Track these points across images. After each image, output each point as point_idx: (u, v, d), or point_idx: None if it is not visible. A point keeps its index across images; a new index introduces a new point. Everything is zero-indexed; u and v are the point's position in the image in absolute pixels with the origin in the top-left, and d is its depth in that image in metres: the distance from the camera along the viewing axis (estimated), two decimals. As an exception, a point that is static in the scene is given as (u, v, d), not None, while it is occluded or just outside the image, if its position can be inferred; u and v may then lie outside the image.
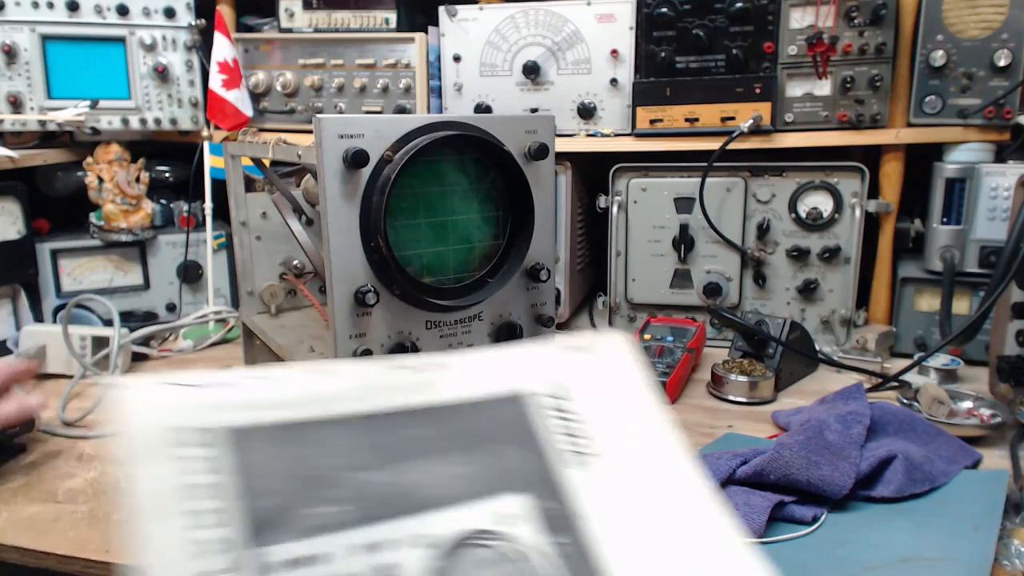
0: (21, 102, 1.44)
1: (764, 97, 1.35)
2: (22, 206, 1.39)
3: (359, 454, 0.43)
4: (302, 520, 0.38)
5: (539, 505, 0.44)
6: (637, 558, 0.43)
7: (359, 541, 0.39)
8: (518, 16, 1.49)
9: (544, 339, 0.83)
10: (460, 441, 0.46)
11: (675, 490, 0.47)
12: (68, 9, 1.44)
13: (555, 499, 0.45)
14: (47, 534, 0.80)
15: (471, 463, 0.45)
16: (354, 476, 0.42)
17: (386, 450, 0.44)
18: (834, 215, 1.35)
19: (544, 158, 0.88)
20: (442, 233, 0.85)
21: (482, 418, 0.48)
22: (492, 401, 0.49)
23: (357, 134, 0.77)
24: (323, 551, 0.38)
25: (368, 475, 0.42)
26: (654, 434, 0.51)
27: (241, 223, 1.19)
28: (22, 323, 1.40)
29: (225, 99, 1.46)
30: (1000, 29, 1.24)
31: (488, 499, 0.44)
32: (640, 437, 0.51)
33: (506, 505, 0.44)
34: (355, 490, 0.41)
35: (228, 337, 1.49)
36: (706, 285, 1.43)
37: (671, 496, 0.47)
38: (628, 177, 1.45)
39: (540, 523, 0.43)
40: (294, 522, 0.38)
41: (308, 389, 0.45)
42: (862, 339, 1.31)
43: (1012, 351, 1.07)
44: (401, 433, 0.45)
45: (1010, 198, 1.24)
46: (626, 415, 0.51)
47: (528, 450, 0.47)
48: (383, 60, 1.56)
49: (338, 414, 0.44)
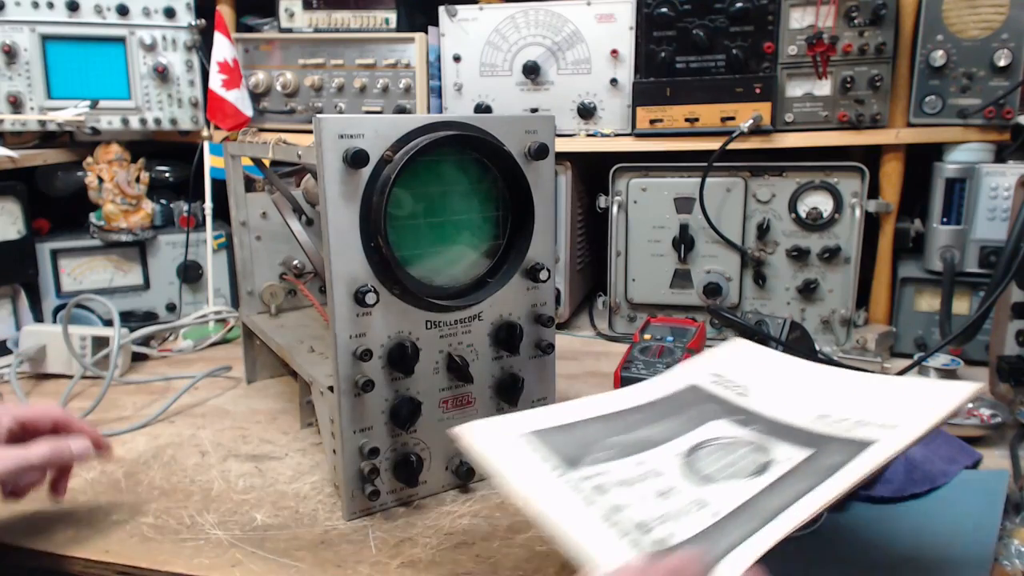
0: (21, 102, 1.44)
1: (764, 97, 1.35)
2: (22, 206, 1.39)
3: (610, 429, 0.74)
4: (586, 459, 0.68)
5: (729, 419, 0.75)
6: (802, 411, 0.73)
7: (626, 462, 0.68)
8: (518, 16, 1.49)
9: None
10: (669, 412, 0.78)
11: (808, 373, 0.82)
12: (68, 9, 1.44)
13: (738, 413, 0.76)
14: (47, 534, 0.80)
15: (680, 418, 0.76)
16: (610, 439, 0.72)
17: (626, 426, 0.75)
18: (834, 215, 1.35)
19: (544, 158, 0.88)
20: (442, 233, 0.85)
21: (678, 400, 0.80)
22: (680, 391, 0.82)
23: (357, 134, 0.77)
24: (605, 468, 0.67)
25: (618, 438, 0.73)
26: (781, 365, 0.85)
27: (241, 223, 1.19)
28: (22, 323, 1.40)
29: (225, 99, 1.46)
30: (1000, 29, 1.24)
31: (699, 428, 0.74)
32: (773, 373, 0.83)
33: (711, 426, 0.74)
34: (612, 444, 0.71)
35: (228, 337, 1.49)
36: (706, 285, 1.43)
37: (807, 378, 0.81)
38: (628, 177, 1.45)
39: (735, 427, 0.73)
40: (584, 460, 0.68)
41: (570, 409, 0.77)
42: (862, 339, 1.31)
43: (1012, 351, 1.07)
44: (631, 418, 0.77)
45: (1010, 198, 1.24)
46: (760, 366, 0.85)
47: (711, 402, 0.79)
48: (383, 60, 1.57)
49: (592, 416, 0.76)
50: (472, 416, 0.90)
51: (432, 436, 0.88)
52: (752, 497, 0.61)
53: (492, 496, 0.88)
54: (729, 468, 0.66)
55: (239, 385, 1.26)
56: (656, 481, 0.65)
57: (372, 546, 0.78)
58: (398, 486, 0.86)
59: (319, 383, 0.89)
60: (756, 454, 0.68)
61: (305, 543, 0.78)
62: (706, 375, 0.84)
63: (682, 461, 0.68)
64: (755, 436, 0.71)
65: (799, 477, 0.62)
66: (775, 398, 0.77)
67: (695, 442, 0.71)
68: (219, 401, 1.19)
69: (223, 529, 0.81)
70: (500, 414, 0.92)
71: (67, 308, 1.24)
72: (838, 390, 0.76)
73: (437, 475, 0.89)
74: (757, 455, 0.68)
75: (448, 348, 0.87)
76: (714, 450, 0.70)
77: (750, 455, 0.68)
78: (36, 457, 0.73)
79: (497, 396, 0.92)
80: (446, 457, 0.89)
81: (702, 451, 0.70)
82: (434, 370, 0.87)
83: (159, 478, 0.93)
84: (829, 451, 0.64)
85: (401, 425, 0.84)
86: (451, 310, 0.86)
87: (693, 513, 0.60)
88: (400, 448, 0.86)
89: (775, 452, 0.67)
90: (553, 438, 0.71)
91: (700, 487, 0.64)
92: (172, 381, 1.27)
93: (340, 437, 0.82)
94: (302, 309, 1.27)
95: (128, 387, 1.26)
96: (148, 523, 0.83)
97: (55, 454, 0.74)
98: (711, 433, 0.73)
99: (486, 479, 0.92)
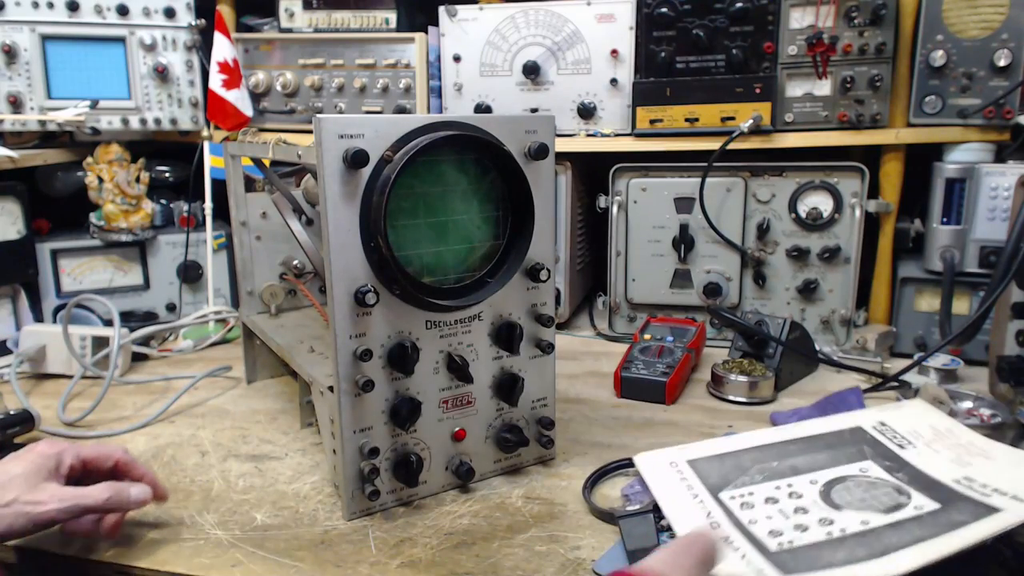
0: (21, 102, 1.44)
1: (764, 97, 1.35)
2: (22, 206, 1.39)
3: (764, 457, 0.83)
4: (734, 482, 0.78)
5: (880, 463, 0.80)
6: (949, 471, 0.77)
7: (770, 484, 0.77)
8: (518, 16, 1.49)
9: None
10: (825, 446, 0.84)
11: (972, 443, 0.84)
12: (68, 9, 1.44)
13: (890, 460, 0.81)
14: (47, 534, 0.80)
15: (833, 453, 0.83)
16: (759, 466, 0.81)
17: (778, 455, 0.83)
18: (834, 215, 1.35)
19: (544, 158, 0.88)
20: (442, 233, 0.85)
21: (838, 437, 0.86)
22: (842, 430, 0.88)
23: (357, 134, 0.77)
24: (749, 489, 0.76)
25: (766, 464, 0.81)
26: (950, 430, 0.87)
27: (241, 223, 1.19)
28: (22, 323, 1.40)
29: (225, 99, 1.46)
30: (1000, 29, 1.24)
31: (848, 464, 0.80)
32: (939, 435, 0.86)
33: (860, 465, 0.80)
34: (761, 470, 0.80)
35: (228, 337, 1.49)
36: (706, 285, 1.43)
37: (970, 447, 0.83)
38: (628, 177, 1.45)
39: (882, 471, 0.79)
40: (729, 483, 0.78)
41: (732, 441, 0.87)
42: (862, 339, 1.31)
43: (1012, 351, 1.07)
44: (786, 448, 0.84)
45: (1010, 198, 1.24)
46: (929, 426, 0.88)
47: (868, 445, 0.84)
48: (383, 60, 1.57)
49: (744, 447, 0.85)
50: (472, 416, 0.90)
51: (432, 436, 0.88)
52: (874, 528, 0.67)
53: (492, 496, 0.88)
54: (863, 501, 0.72)
55: (239, 385, 1.26)
56: (795, 501, 0.73)
57: (372, 546, 0.78)
58: (398, 486, 0.86)
59: (319, 383, 0.89)
60: (893, 494, 0.74)
61: (305, 543, 0.78)
62: (873, 421, 0.89)
63: (821, 488, 0.76)
64: (897, 482, 0.76)
65: (923, 524, 0.67)
66: (930, 456, 0.81)
67: (840, 475, 0.78)
68: (219, 401, 1.19)
69: (223, 529, 0.81)
70: (500, 414, 0.92)
71: (67, 308, 1.24)
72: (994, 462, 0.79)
73: (437, 475, 0.89)
74: (894, 495, 0.73)
75: (448, 348, 0.87)
76: (856, 484, 0.76)
77: (887, 495, 0.74)
78: (93, 500, 0.72)
79: (497, 396, 0.92)
80: (446, 457, 0.89)
81: (844, 484, 0.76)
82: (434, 370, 0.87)
83: (159, 478, 0.93)
84: (958, 508, 0.69)
85: (401, 425, 0.84)
86: (451, 310, 0.86)
87: (817, 527, 0.68)
88: (400, 448, 0.86)
89: (910, 498, 0.73)
90: (708, 465, 0.82)
91: (832, 511, 0.71)
92: (172, 381, 1.27)
93: (340, 437, 0.82)
94: (302, 309, 1.27)
95: (128, 387, 1.26)
96: (148, 523, 0.83)
97: (114, 499, 0.73)
98: (857, 471, 0.79)
99: (486, 479, 0.92)
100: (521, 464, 0.95)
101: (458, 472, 0.89)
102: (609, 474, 0.92)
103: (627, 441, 1.02)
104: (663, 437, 1.03)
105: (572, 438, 1.03)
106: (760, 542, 0.67)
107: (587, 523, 0.81)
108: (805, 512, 0.71)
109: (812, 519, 0.70)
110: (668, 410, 1.14)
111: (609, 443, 1.02)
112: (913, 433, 0.86)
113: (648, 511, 0.77)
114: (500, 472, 0.93)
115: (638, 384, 1.17)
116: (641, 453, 0.86)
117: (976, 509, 0.68)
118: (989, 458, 0.80)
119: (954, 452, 0.81)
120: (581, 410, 1.13)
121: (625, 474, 0.92)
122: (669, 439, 1.01)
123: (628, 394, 1.18)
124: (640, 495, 0.84)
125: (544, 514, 0.83)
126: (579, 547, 0.77)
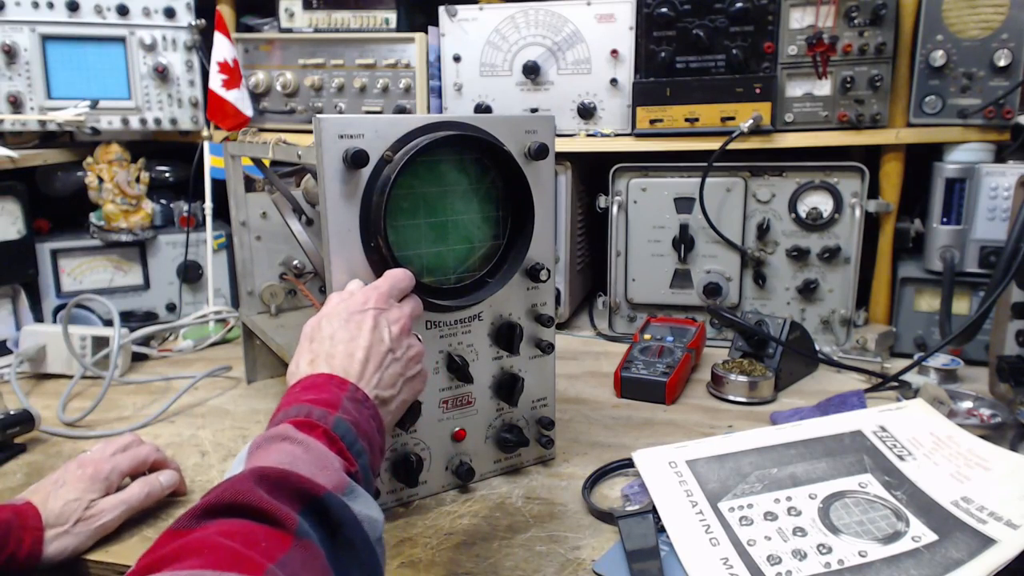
0: (21, 102, 1.44)
1: (764, 97, 1.35)
2: (22, 206, 1.39)
3: (761, 462, 0.83)
4: (733, 490, 0.79)
5: (880, 478, 0.80)
6: (948, 490, 0.77)
7: (770, 496, 0.78)
8: (518, 16, 1.49)
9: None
10: (825, 453, 0.84)
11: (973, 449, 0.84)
12: (68, 9, 1.44)
13: (889, 475, 0.81)
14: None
15: (833, 462, 0.83)
16: (758, 472, 0.81)
17: (779, 460, 0.83)
18: (834, 215, 1.35)
19: (544, 158, 0.88)
20: (442, 233, 0.85)
21: (838, 442, 0.86)
22: (842, 433, 0.88)
23: (357, 134, 0.77)
24: (749, 500, 0.77)
25: (766, 471, 0.81)
26: (950, 435, 0.87)
27: (241, 223, 1.19)
28: (22, 323, 1.40)
29: (225, 99, 1.45)
30: (1000, 29, 1.24)
31: (847, 477, 0.80)
32: (939, 443, 0.86)
33: (859, 479, 0.80)
34: (760, 477, 0.80)
35: (228, 337, 1.49)
36: (706, 285, 1.43)
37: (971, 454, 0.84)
38: (628, 177, 1.45)
39: (881, 487, 0.79)
40: (729, 491, 0.79)
41: (731, 440, 0.88)
42: (862, 339, 1.31)
43: (1012, 351, 1.07)
44: (787, 452, 0.85)
45: (1010, 198, 1.24)
46: (929, 433, 0.88)
47: (868, 454, 0.84)
48: (383, 60, 1.57)
49: (750, 447, 0.86)
50: (472, 416, 0.90)
51: (432, 436, 0.88)
52: (871, 562, 0.68)
53: (492, 496, 0.88)
54: (861, 526, 0.73)
55: (239, 385, 1.26)
56: (794, 519, 0.74)
57: (372, 546, 0.78)
58: (398, 486, 0.86)
59: (319, 383, 0.89)
60: (891, 520, 0.74)
61: (305, 543, 0.78)
62: (873, 424, 0.89)
63: (820, 505, 0.76)
64: (896, 503, 0.76)
65: (920, 562, 0.68)
66: (929, 469, 0.81)
67: (839, 489, 0.78)
68: (219, 401, 1.19)
69: (223, 529, 0.81)
70: (500, 414, 0.92)
71: (67, 308, 1.24)
72: (991, 474, 0.80)
73: (437, 475, 0.89)
74: (892, 521, 0.74)
75: (448, 348, 0.87)
76: (855, 504, 0.76)
77: (886, 519, 0.74)
78: (136, 500, 0.82)
79: (497, 396, 0.92)
80: (446, 457, 0.89)
81: (842, 501, 0.77)
82: (434, 370, 0.87)
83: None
84: (955, 541, 0.70)
85: (401, 425, 0.84)
86: (451, 310, 0.86)
87: (815, 556, 0.69)
88: (400, 448, 0.86)
89: (909, 525, 0.73)
90: (707, 468, 0.82)
91: (830, 535, 0.72)
92: (172, 381, 1.27)
93: (340, 437, 0.81)
94: (302, 309, 1.27)
95: (128, 387, 1.26)
96: (148, 523, 0.83)
97: (152, 495, 0.84)
98: (857, 485, 0.79)
99: (486, 479, 0.92)
100: (521, 464, 0.95)
101: (458, 472, 0.89)
102: (609, 474, 0.92)
103: (627, 441, 1.02)
104: (663, 437, 1.03)
105: (572, 438, 1.03)
106: (759, 570, 0.68)
107: (587, 523, 0.81)
108: (804, 535, 0.72)
109: (810, 543, 0.71)
110: (668, 410, 1.14)
111: (609, 443, 1.01)
112: (913, 442, 0.86)
113: (647, 511, 0.77)
114: (500, 472, 0.93)
115: (638, 384, 1.17)
116: (640, 450, 0.86)
117: (972, 542, 0.70)
118: (987, 469, 0.80)
119: (953, 465, 0.82)
120: (581, 410, 1.13)
121: (625, 474, 0.92)
122: (669, 439, 1.01)
123: (628, 394, 1.18)
124: (640, 495, 0.84)
125: (544, 514, 0.83)
126: (579, 547, 0.77)
